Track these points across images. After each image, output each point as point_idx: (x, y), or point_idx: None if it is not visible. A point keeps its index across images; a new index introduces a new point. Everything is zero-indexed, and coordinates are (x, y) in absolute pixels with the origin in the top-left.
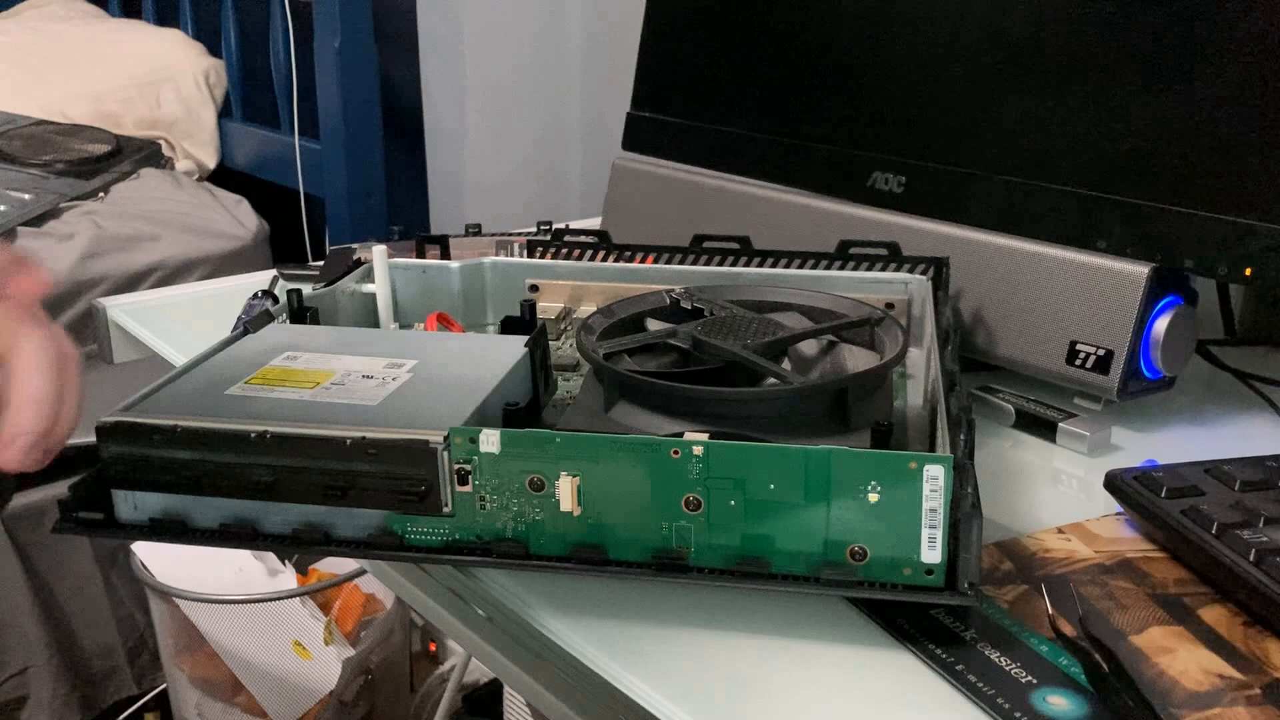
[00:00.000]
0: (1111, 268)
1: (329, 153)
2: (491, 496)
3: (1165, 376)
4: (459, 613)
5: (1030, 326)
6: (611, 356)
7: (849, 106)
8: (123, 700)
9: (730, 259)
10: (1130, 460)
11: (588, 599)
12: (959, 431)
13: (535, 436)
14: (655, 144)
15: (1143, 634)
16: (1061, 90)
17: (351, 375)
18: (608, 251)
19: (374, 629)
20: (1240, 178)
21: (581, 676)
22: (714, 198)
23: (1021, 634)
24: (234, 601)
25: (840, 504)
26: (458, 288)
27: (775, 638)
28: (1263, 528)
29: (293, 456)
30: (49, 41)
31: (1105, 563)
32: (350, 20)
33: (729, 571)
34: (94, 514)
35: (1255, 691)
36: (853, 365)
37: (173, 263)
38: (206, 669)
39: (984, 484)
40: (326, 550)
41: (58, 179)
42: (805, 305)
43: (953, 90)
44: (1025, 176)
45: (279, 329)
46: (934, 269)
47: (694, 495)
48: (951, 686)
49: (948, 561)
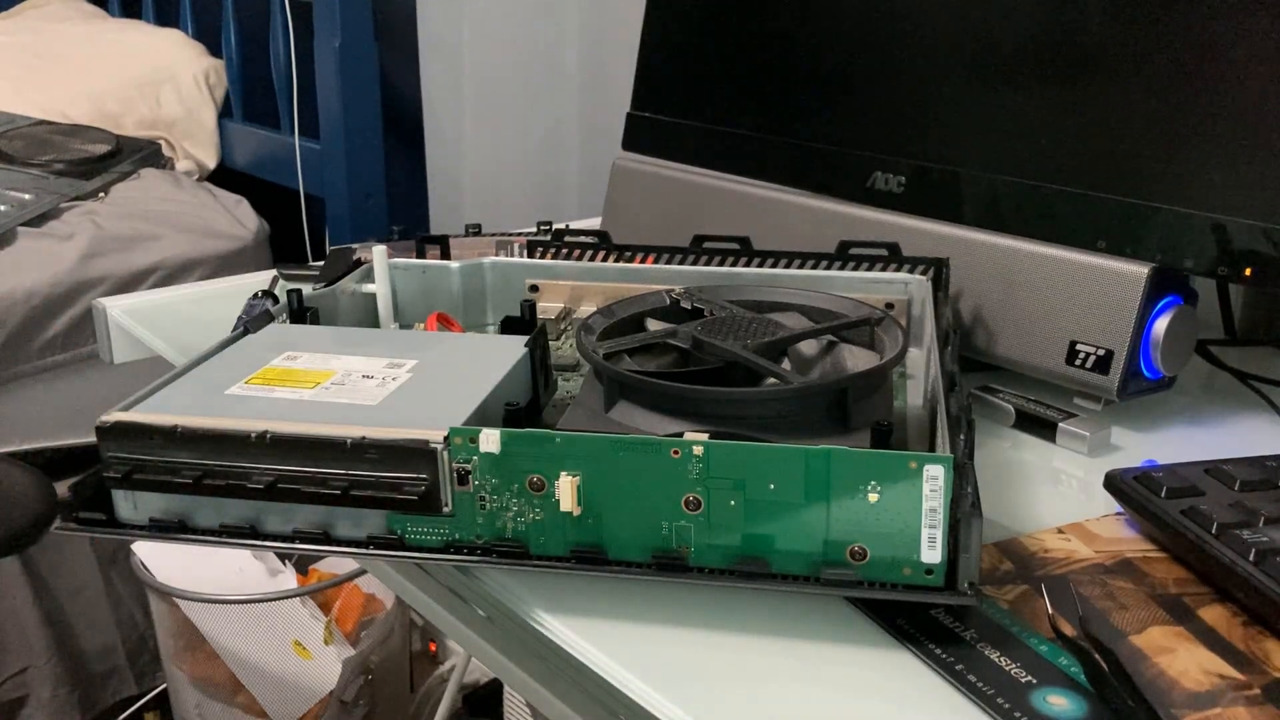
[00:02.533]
0: (1111, 268)
1: (329, 153)
2: (491, 496)
3: (1165, 376)
4: (459, 613)
5: (1030, 326)
6: (611, 356)
7: (849, 106)
8: (123, 700)
9: (730, 259)
10: (1130, 460)
11: (588, 599)
12: (959, 431)
13: (535, 436)
14: (655, 144)
15: (1143, 634)
16: (1061, 90)
17: (351, 375)
18: (608, 251)
19: (374, 629)
20: (1240, 178)
21: (581, 676)
22: (714, 198)
23: (1021, 634)
24: (234, 601)
25: (840, 504)
26: (458, 288)
27: (775, 638)
28: (1263, 528)
29: (293, 456)
30: (49, 41)
31: (1105, 563)
32: (350, 20)
33: (729, 571)
34: (94, 514)
35: (1255, 691)
36: (853, 365)
37: (173, 263)
38: (206, 669)
39: (984, 484)
40: (326, 550)
41: (58, 179)
42: (805, 305)
43: (953, 90)
44: (1025, 176)
45: (279, 329)
46: (934, 269)
47: (694, 495)
48: (951, 686)
49: (948, 561)
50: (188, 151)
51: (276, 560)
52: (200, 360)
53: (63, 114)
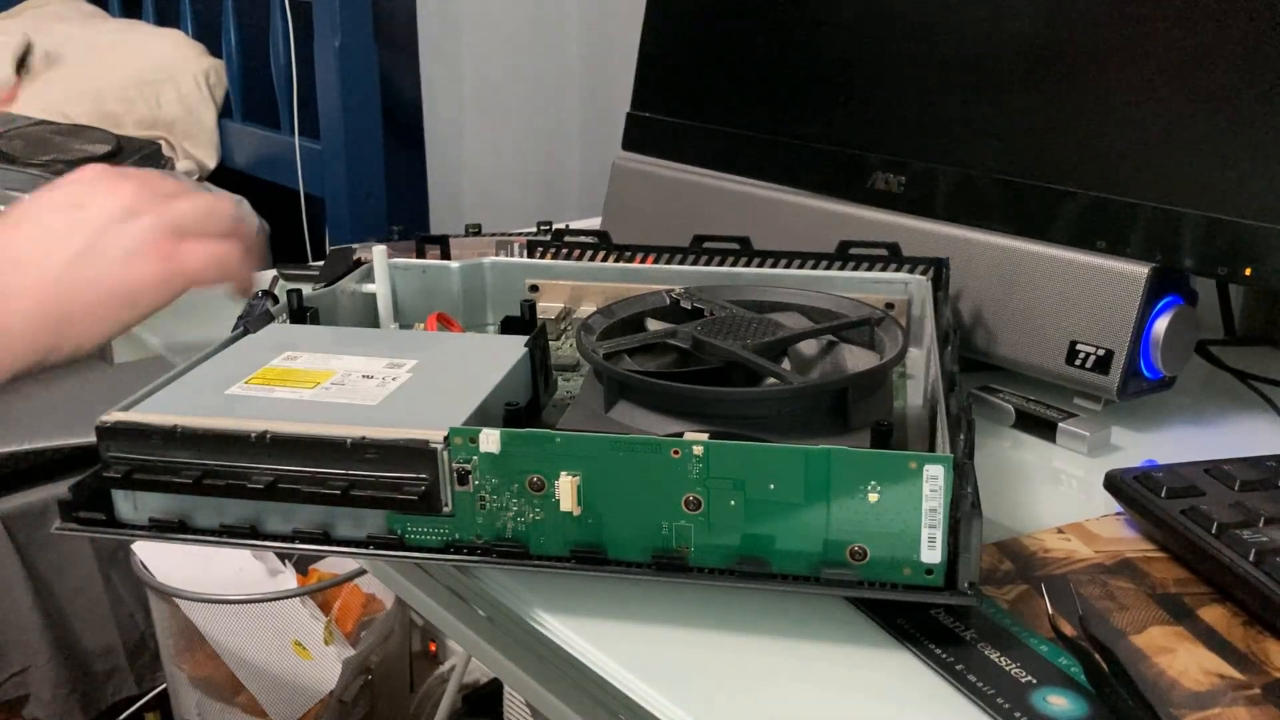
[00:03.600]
0: (1111, 268)
1: (329, 153)
2: (491, 496)
3: (1165, 376)
4: (459, 613)
5: (1030, 326)
6: (611, 356)
7: (849, 106)
8: (123, 700)
9: (730, 259)
10: (1130, 460)
11: (588, 599)
12: (959, 431)
13: (535, 436)
14: (655, 144)
15: (1143, 634)
16: (1061, 90)
17: (351, 375)
18: (608, 251)
19: (374, 629)
20: (1239, 178)
21: (581, 676)
22: (714, 198)
23: (1021, 634)
24: (234, 601)
25: (840, 504)
26: (458, 288)
27: (775, 638)
28: (1263, 528)
29: (293, 456)
30: (49, 41)
31: (1105, 563)
32: (350, 20)
33: (729, 571)
34: (94, 514)
35: (1255, 691)
36: (853, 365)
37: None
38: (206, 669)
39: (984, 484)
40: (326, 550)
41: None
42: (805, 305)
43: (953, 90)
44: (1025, 176)
45: (279, 329)
46: (934, 269)
47: (694, 495)
48: (951, 686)
49: (948, 561)
50: (188, 151)
51: (276, 560)
52: (200, 360)
53: (63, 114)
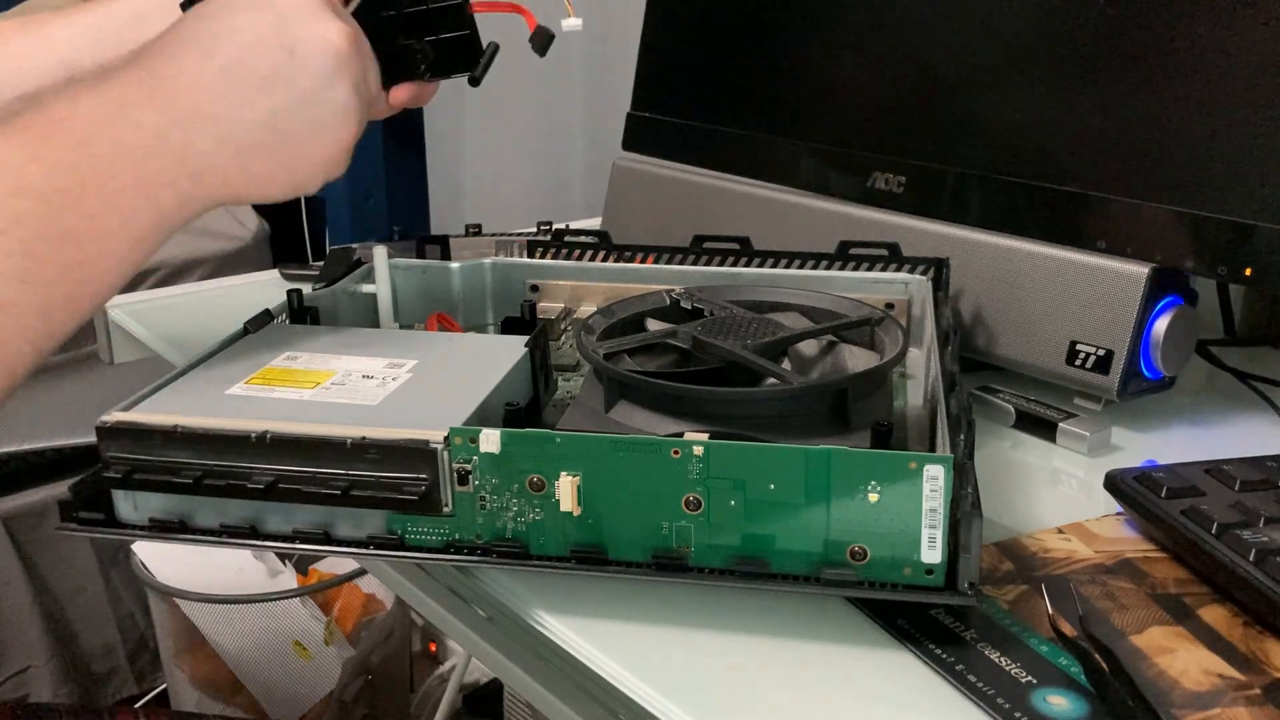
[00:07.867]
0: (1111, 268)
1: None
2: (491, 496)
3: (1165, 376)
4: (459, 613)
5: (1030, 326)
6: (612, 356)
7: (849, 106)
8: (123, 700)
9: (730, 259)
10: (1130, 460)
11: (588, 599)
12: (959, 431)
13: (535, 436)
14: (655, 144)
15: (1143, 634)
16: (1061, 90)
17: (351, 375)
18: (608, 252)
19: (374, 629)
20: (1240, 178)
21: (582, 676)
22: (714, 198)
23: (1021, 634)
24: (234, 601)
25: (840, 504)
26: (458, 288)
27: (775, 638)
28: (1263, 528)
29: (293, 457)
30: None
31: (1105, 563)
32: None
33: (729, 571)
34: (94, 514)
35: (1255, 691)
36: (853, 365)
37: (173, 263)
38: (206, 669)
39: (984, 484)
40: (326, 550)
41: None
42: (805, 305)
43: (953, 90)
44: (1025, 176)
45: (279, 329)
46: (934, 269)
47: (694, 495)
48: (951, 686)
49: (948, 561)
50: None
51: (276, 560)
52: (200, 360)
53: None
